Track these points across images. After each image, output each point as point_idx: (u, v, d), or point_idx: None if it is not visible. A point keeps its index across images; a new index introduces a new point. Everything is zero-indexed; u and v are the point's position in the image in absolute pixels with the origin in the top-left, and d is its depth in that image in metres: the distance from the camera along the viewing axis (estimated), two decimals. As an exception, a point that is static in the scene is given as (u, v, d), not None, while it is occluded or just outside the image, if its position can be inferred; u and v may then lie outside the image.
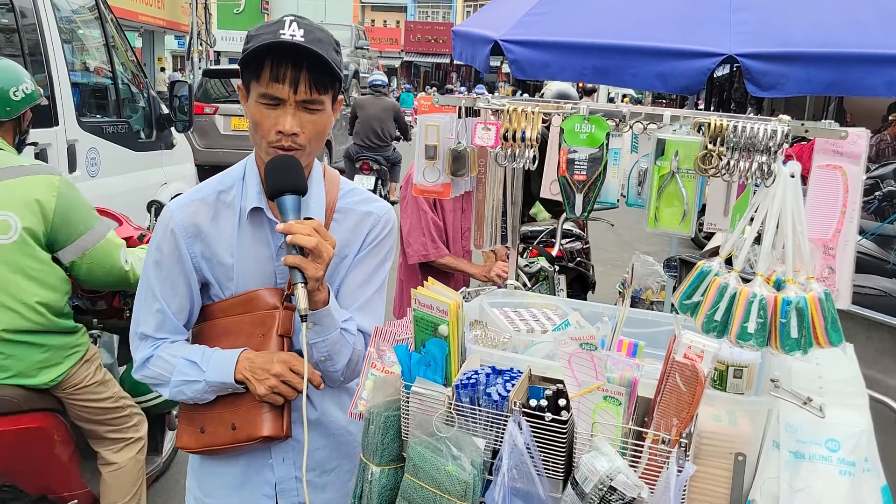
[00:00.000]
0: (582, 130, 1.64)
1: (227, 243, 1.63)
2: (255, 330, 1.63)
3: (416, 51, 46.70)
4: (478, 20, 5.01)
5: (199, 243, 1.63)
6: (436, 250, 3.32)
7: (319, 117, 1.54)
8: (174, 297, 1.65)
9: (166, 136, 5.96)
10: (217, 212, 1.64)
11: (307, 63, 1.48)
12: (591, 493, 1.29)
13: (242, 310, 1.65)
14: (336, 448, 1.74)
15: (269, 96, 1.50)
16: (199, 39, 21.92)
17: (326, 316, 1.56)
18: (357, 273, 1.70)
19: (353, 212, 1.70)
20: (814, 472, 1.34)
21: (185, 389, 1.62)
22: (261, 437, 1.58)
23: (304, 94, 1.50)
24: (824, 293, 1.37)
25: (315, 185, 1.66)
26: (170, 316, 1.65)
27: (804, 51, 3.39)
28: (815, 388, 1.44)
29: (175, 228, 1.62)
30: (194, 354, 1.63)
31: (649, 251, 5.91)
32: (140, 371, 1.68)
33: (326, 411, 1.72)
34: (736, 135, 1.48)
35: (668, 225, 1.64)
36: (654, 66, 3.64)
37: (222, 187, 1.65)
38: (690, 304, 1.45)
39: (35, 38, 4.31)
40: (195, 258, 1.63)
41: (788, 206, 1.38)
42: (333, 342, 1.59)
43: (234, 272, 1.64)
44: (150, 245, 1.66)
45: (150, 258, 1.65)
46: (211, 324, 1.69)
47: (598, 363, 1.34)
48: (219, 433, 1.62)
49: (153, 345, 1.67)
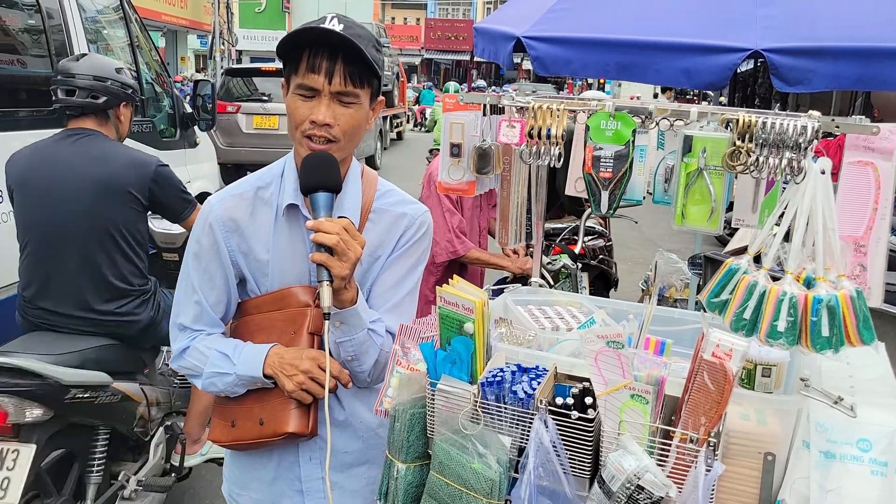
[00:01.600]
0: (608, 127, 1.63)
1: (263, 239, 1.65)
2: (288, 327, 1.64)
3: (436, 48, 46.67)
4: (499, 17, 5.00)
5: (236, 237, 1.65)
6: (462, 245, 3.34)
7: (356, 111, 1.55)
8: (212, 289, 1.67)
9: (189, 134, 6.01)
10: (255, 208, 1.65)
11: (343, 55, 1.50)
12: (619, 492, 1.28)
13: (276, 306, 1.66)
14: (365, 451, 1.74)
15: (305, 87, 1.52)
16: (222, 38, 22.07)
17: (353, 315, 1.57)
18: (390, 274, 1.70)
19: (388, 212, 1.70)
20: (845, 472, 1.32)
21: (216, 381, 1.64)
22: (286, 434, 1.59)
23: (339, 86, 1.50)
24: (856, 291, 1.35)
25: (351, 184, 1.66)
26: (207, 308, 1.68)
27: (831, 45, 3.34)
28: (845, 388, 1.42)
29: (213, 222, 1.64)
30: (227, 347, 1.65)
31: (673, 248, 5.87)
32: (177, 361, 1.71)
33: (355, 412, 1.72)
34: (765, 131, 1.47)
35: (695, 222, 1.62)
36: (678, 61, 3.61)
37: (261, 183, 1.67)
38: (718, 303, 1.44)
39: (61, 38, 4.35)
40: (232, 252, 1.65)
41: (819, 203, 1.37)
42: (360, 342, 1.60)
43: (270, 268, 1.65)
44: (191, 238, 1.69)
45: (189, 250, 1.69)
46: (246, 320, 1.71)
47: (624, 361, 1.33)
48: (247, 428, 1.64)
49: (190, 336, 1.70)
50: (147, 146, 5.32)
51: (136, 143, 5.14)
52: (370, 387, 1.72)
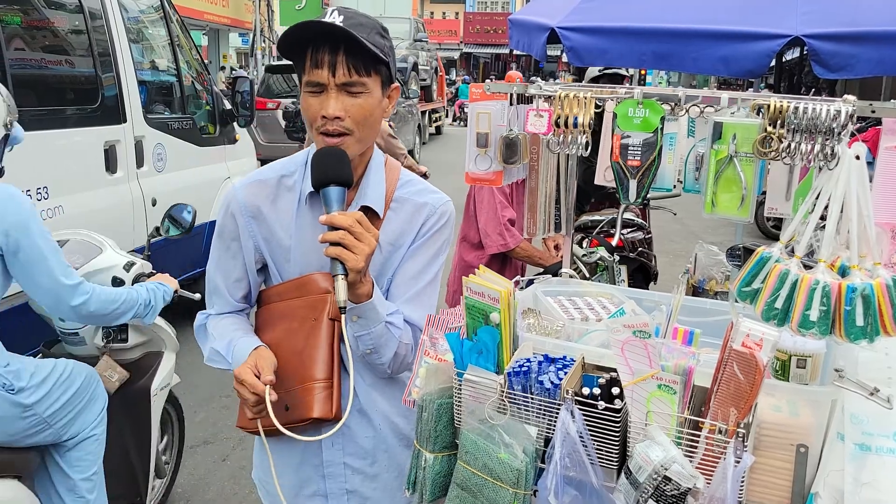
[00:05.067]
0: (636, 115, 1.60)
1: (285, 225, 1.67)
2: (309, 314, 1.66)
3: (475, 42, 46.52)
4: (534, 8, 4.96)
5: (258, 223, 1.68)
6: (512, 238, 3.42)
7: (365, 100, 1.55)
8: (232, 271, 1.74)
9: (229, 131, 6.10)
10: (278, 194, 1.68)
11: (344, 46, 1.50)
12: (646, 483, 1.27)
13: (297, 293, 1.68)
14: (385, 439, 1.76)
15: (312, 83, 1.53)
16: (262, 36, 22.32)
17: (370, 309, 1.58)
18: (411, 264, 1.70)
19: (409, 202, 1.71)
20: (881, 465, 1.29)
21: (218, 367, 1.74)
22: (311, 419, 1.61)
23: (344, 77, 1.51)
24: (892, 279, 1.31)
25: (374, 174, 1.67)
26: (222, 290, 1.76)
27: (875, 30, 3.25)
28: (883, 379, 1.38)
29: (234, 210, 1.68)
30: (221, 344, 1.71)
31: (715, 241, 5.76)
32: (197, 332, 1.81)
33: (373, 402, 1.73)
34: (797, 116, 1.43)
35: (725, 210, 1.59)
36: (716, 49, 3.54)
37: (285, 171, 1.70)
38: (750, 292, 1.41)
39: (104, 38, 4.45)
40: (255, 238, 1.69)
41: (853, 190, 1.33)
42: (378, 335, 1.61)
43: (292, 254, 1.67)
44: (217, 222, 1.75)
45: (216, 231, 1.75)
46: (268, 308, 1.74)
47: (651, 351, 1.31)
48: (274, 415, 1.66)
49: (206, 314, 1.80)
50: (188, 143, 5.43)
51: (178, 139, 5.25)
52: (392, 377, 1.73)
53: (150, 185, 4.82)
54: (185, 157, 5.37)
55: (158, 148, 4.98)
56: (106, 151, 4.39)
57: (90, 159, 4.28)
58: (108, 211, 4.29)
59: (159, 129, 5.01)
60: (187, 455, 4.07)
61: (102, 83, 4.38)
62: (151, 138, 4.88)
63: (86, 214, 4.03)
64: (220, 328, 1.74)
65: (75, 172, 4.14)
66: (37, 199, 3.73)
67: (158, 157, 4.98)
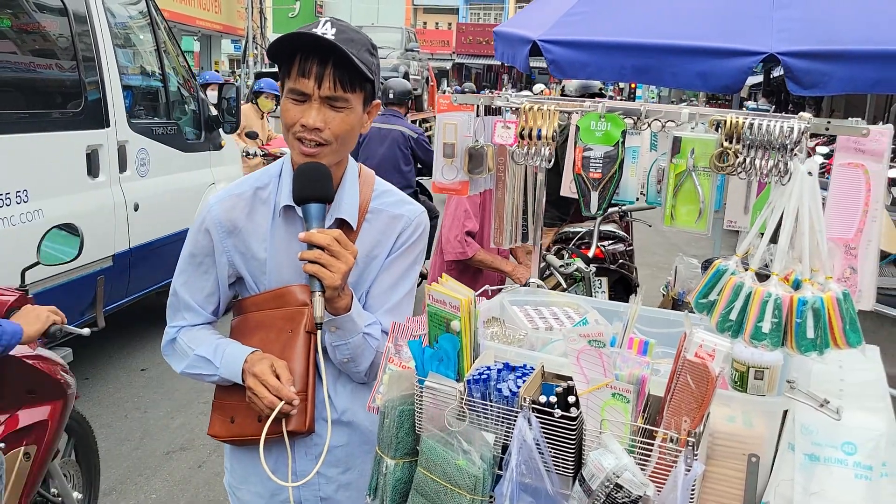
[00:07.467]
0: (597, 128, 1.63)
1: (261, 238, 1.68)
2: (286, 325, 1.67)
3: (467, 52, 46.68)
4: (519, 21, 5.01)
5: (233, 238, 1.69)
6: (469, 247, 3.46)
7: (346, 116, 1.56)
8: (203, 287, 1.74)
9: (214, 137, 6.10)
10: (253, 207, 1.68)
11: (333, 60, 1.51)
12: (598, 490, 1.29)
13: (274, 304, 1.69)
14: (359, 446, 1.77)
15: (296, 91, 1.53)
16: (255, 43, 22.34)
17: (348, 321, 1.59)
18: (387, 276, 1.72)
19: (384, 213, 1.72)
20: (829, 475, 1.31)
21: (198, 378, 1.71)
22: (285, 432, 1.62)
23: (329, 91, 1.52)
24: (843, 293, 1.33)
25: (349, 185, 1.68)
26: (192, 304, 1.75)
27: (848, 48, 3.30)
28: (835, 391, 1.41)
29: (209, 225, 1.69)
30: (207, 350, 1.69)
31: (696, 254, 5.80)
32: (165, 349, 1.80)
33: (348, 410, 1.74)
34: (752, 132, 1.46)
35: (684, 223, 1.62)
36: (694, 64, 3.59)
37: (259, 184, 1.70)
38: (707, 303, 1.43)
39: (88, 43, 4.46)
40: (229, 252, 1.69)
41: (806, 205, 1.36)
42: (356, 346, 1.63)
43: (268, 267, 1.68)
44: (188, 236, 1.75)
45: (186, 247, 1.75)
46: (245, 318, 1.74)
47: (606, 360, 1.33)
48: (246, 424, 1.67)
49: (175, 326, 1.78)
50: (172, 148, 5.43)
51: (162, 144, 5.25)
52: (368, 383, 1.74)
53: (132, 189, 4.82)
54: (169, 163, 5.37)
55: (142, 153, 4.99)
56: (88, 155, 4.39)
57: (72, 163, 4.28)
58: (88, 215, 4.28)
59: (143, 134, 5.02)
60: (163, 461, 4.06)
61: (86, 87, 4.38)
62: (135, 143, 4.89)
63: (66, 218, 3.98)
64: (199, 338, 1.74)
65: (56, 176, 4.14)
66: (16, 202, 3.72)
67: (142, 161, 4.98)
